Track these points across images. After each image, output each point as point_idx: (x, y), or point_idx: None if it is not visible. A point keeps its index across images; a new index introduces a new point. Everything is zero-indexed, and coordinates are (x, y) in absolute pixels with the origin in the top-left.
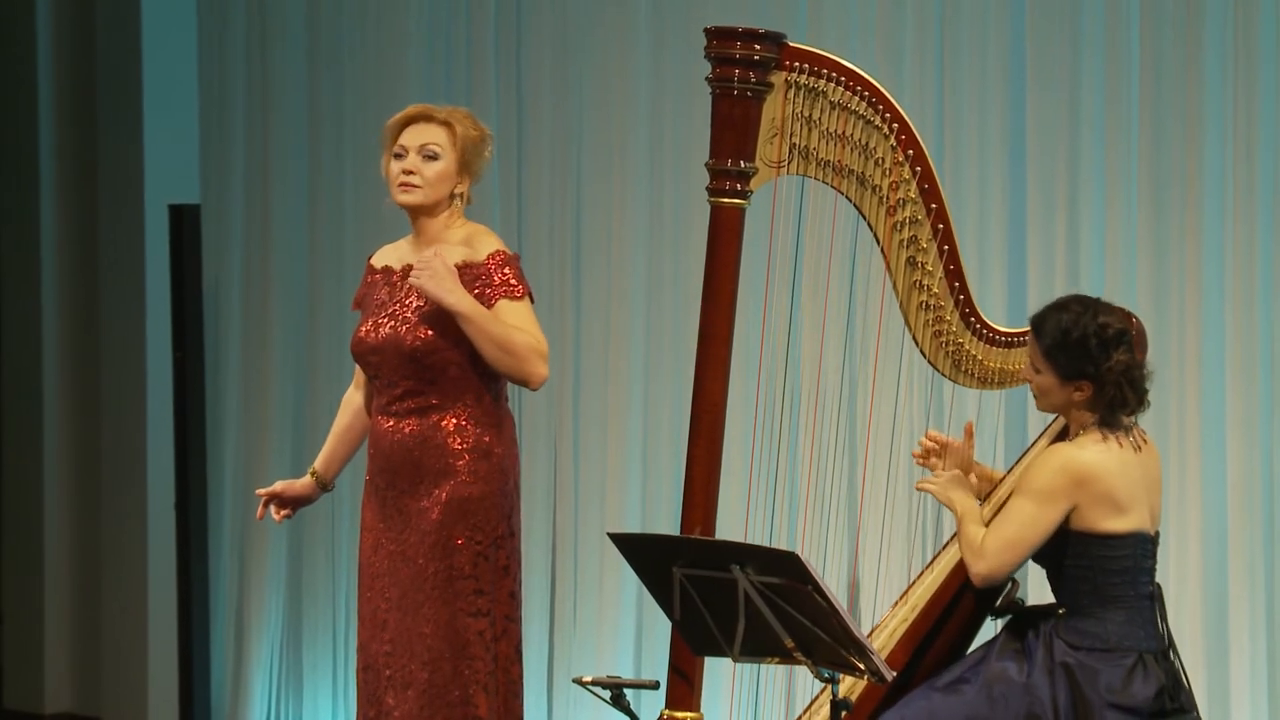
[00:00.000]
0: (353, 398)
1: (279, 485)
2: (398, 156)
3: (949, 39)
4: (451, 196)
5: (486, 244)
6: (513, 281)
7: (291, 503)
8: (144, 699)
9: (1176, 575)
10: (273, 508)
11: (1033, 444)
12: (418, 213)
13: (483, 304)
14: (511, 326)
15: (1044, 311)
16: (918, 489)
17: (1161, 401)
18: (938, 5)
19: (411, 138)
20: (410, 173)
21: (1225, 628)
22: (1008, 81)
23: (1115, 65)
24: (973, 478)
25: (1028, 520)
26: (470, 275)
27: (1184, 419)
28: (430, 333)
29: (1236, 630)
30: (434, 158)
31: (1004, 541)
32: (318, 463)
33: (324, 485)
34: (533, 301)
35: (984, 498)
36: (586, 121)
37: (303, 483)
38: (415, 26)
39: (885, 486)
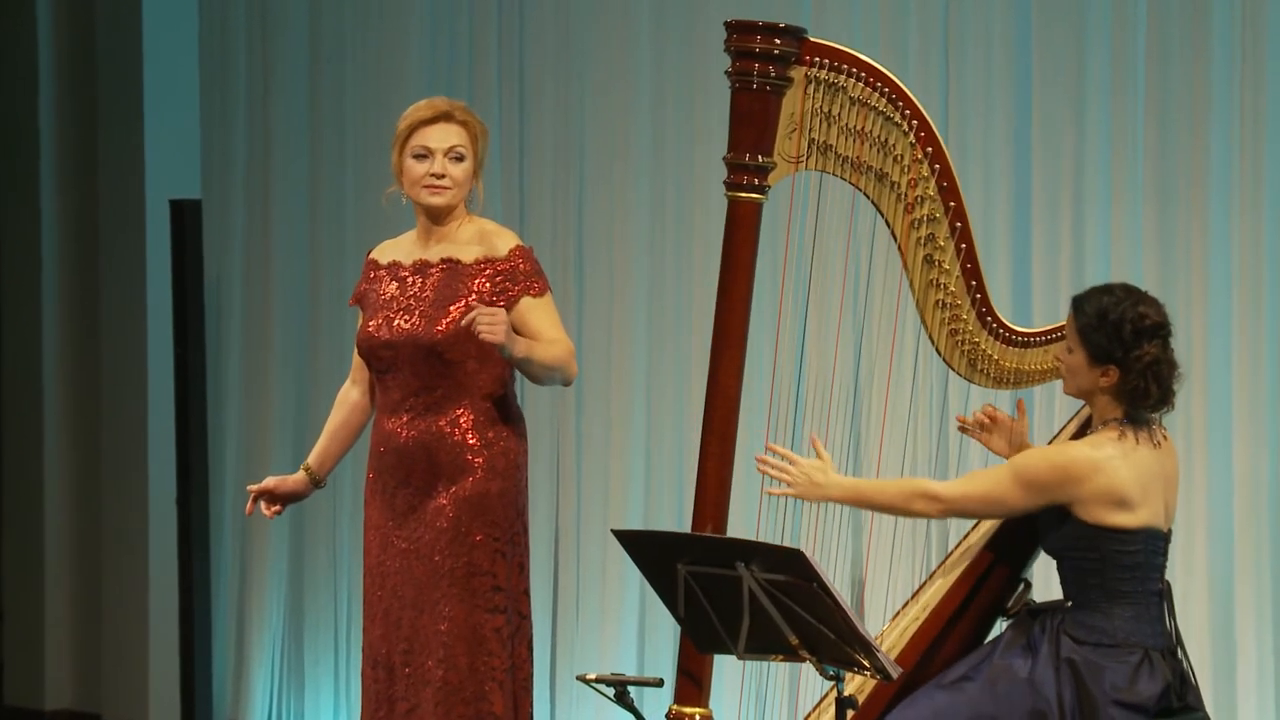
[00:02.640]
0: (349, 394)
1: (270, 481)
2: (420, 158)
3: (954, 34)
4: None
5: (505, 239)
6: (534, 278)
7: (283, 499)
8: (145, 696)
9: (1183, 573)
10: (263, 503)
11: (1061, 429)
12: (441, 213)
13: (505, 300)
14: (549, 342)
15: (1088, 291)
16: (770, 494)
17: None
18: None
19: (436, 139)
20: (440, 175)
21: (1232, 626)
22: (1013, 76)
23: (1121, 59)
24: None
25: (1002, 490)
26: (491, 271)
27: (1190, 415)
28: (450, 328)
29: (1243, 628)
30: (461, 159)
31: (968, 493)
32: (311, 458)
33: (317, 482)
34: (551, 293)
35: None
36: (589, 118)
37: (295, 479)
38: (417, 21)
39: None
